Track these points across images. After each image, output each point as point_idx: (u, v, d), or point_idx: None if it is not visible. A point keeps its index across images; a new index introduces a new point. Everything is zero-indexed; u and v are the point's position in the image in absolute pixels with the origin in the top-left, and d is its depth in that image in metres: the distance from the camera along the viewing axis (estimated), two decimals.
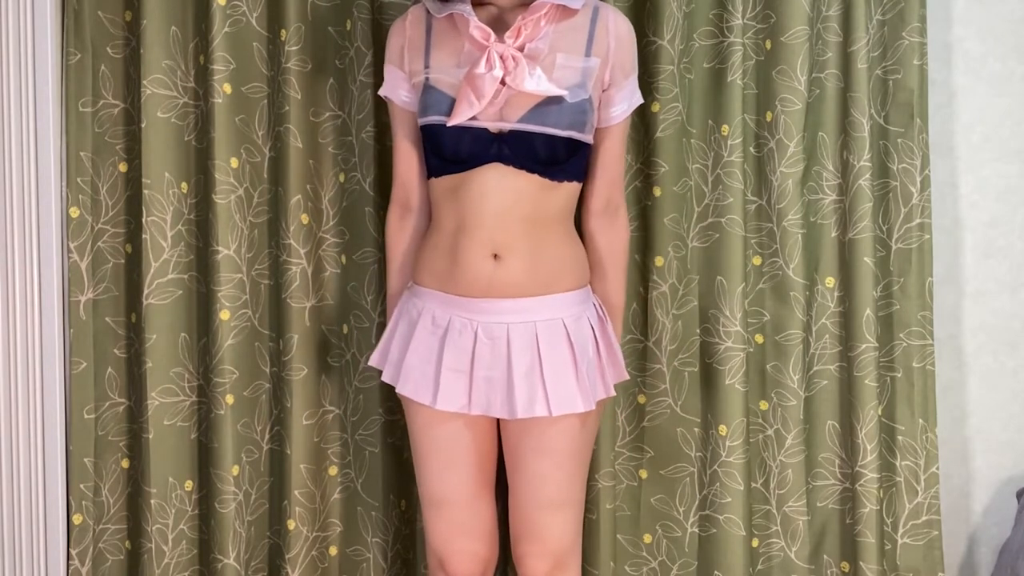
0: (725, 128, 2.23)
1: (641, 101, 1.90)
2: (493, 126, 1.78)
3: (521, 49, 1.78)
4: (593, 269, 1.93)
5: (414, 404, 1.88)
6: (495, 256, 1.80)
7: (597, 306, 1.91)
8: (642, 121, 2.26)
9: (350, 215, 2.25)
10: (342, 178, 2.25)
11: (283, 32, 2.20)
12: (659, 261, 2.25)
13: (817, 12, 2.24)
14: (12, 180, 2.21)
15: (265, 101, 2.25)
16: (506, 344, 1.80)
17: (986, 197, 2.40)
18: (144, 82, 2.18)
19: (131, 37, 2.25)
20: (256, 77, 2.24)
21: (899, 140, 2.26)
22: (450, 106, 1.78)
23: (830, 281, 2.28)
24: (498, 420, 1.91)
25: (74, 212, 2.23)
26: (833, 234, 2.27)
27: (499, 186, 1.78)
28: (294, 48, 2.20)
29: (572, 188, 1.85)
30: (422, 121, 1.83)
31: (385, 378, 1.92)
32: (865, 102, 2.21)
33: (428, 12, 1.87)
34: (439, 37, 1.85)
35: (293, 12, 2.19)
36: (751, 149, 2.28)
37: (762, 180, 2.28)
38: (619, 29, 1.86)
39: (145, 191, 2.20)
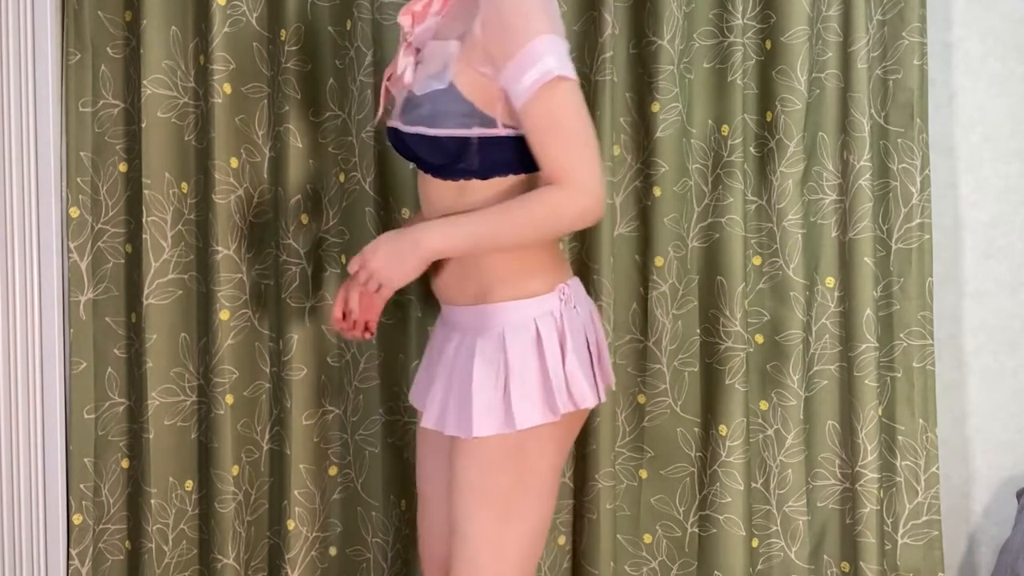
0: (725, 128, 2.23)
1: (552, 74, 1.47)
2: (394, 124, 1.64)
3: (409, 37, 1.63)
4: None
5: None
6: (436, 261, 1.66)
7: (558, 319, 1.59)
8: (642, 121, 2.26)
9: (350, 215, 2.25)
10: (342, 178, 2.25)
11: (283, 32, 2.20)
12: (659, 261, 2.25)
13: (817, 12, 2.24)
14: (12, 180, 2.21)
15: (265, 101, 2.25)
16: (437, 352, 1.72)
17: (986, 197, 2.40)
18: (144, 82, 2.18)
19: (131, 37, 2.25)
20: (256, 77, 2.24)
21: (899, 140, 2.26)
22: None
23: (830, 281, 2.28)
24: None
25: (74, 212, 2.23)
26: (833, 234, 2.27)
27: (421, 189, 1.66)
28: (294, 48, 2.20)
29: (491, 186, 1.59)
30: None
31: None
32: (865, 102, 2.21)
33: None
34: None
35: (293, 12, 2.20)
36: (751, 149, 2.28)
37: (762, 180, 2.29)
38: (488, 4, 1.51)
39: (145, 191, 2.20)
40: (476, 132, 1.54)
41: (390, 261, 1.55)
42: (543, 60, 1.47)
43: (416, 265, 1.55)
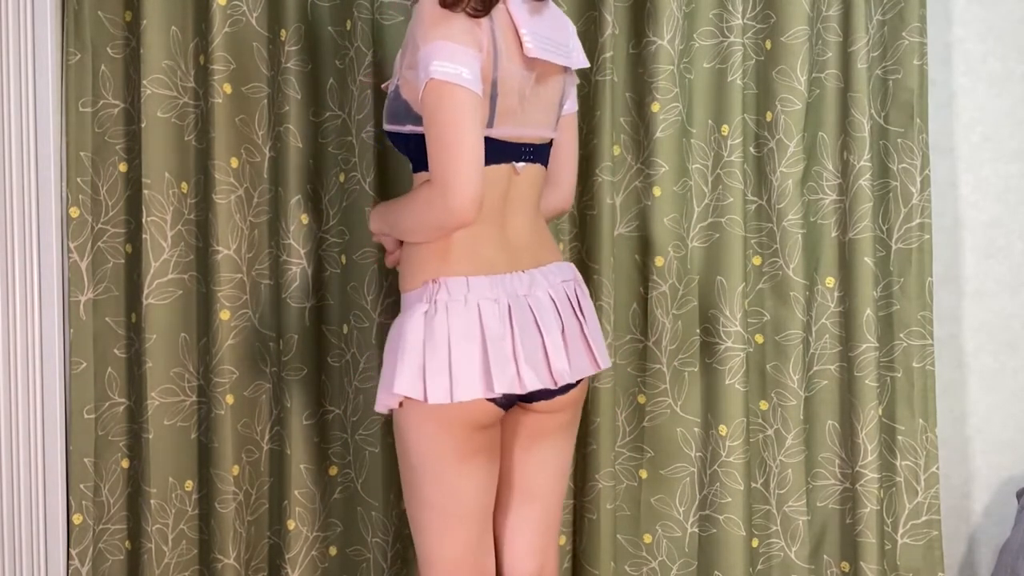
0: (725, 128, 2.23)
1: (431, 76, 1.54)
2: None
3: None
4: None
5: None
6: None
7: (432, 305, 1.64)
8: (642, 121, 2.26)
9: (350, 215, 2.25)
10: (342, 178, 2.25)
11: (283, 32, 2.20)
12: (659, 261, 2.25)
13: (817, 12, 2.24)
14: (12, 180, 2.21)
15: (265, 101, 2.25)
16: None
17: (986, 197, 2.40)
18: (144, 82, 2.18)
19: (131, 37, 2.25)
20: (256, 77, 2.24)
21: (899, 140, 2.26)
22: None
23: (830, 281, 2.28)
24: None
25: (74, 212, 2.23)
26: (833, 234, 2.28)
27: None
28: (294, 48, 2.20)
29: (420, 178, 1.72)
30: None
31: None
32: (865, 102, 2.21)
33: None
34: None
35: (293, 12, 2.20)
36: (751, 149, 2.28)
37: (762, 180, 2.29)
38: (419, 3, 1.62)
39: (145, 191, 2.20)
40: (409, 128, 1.67)
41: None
42: (424, 66, 1.56)
43: (374, 236, 1.80)
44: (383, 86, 1.74)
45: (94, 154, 2.25)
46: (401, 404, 1.67)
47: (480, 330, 1.63)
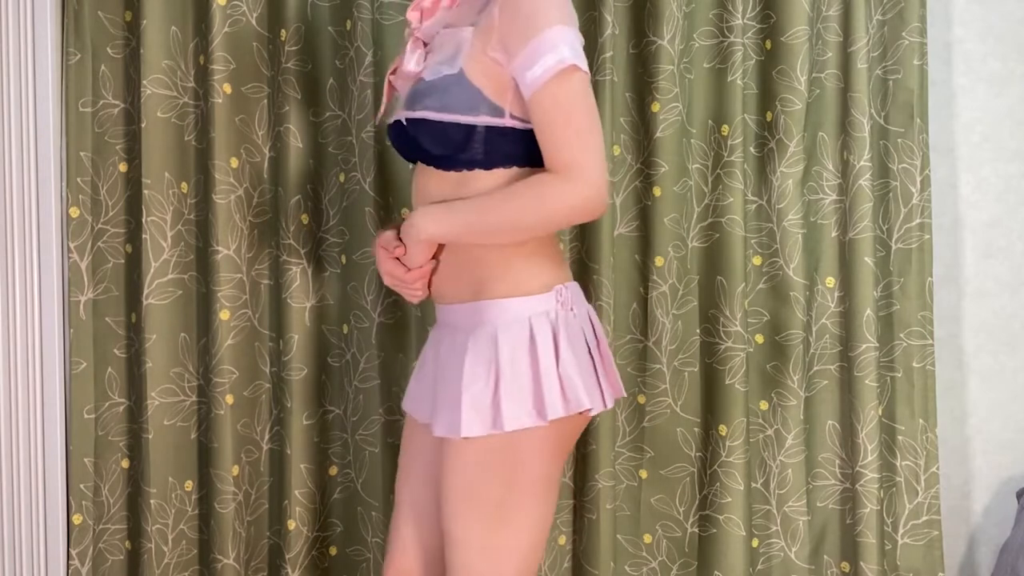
0: (725, 128, 2.23)
1: (566, 63, 1.45)
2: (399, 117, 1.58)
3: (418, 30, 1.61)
4: None
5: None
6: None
7: (553, 320, 1.53)
8: (642, 121, 2.26)
9: (350, 215, 2.25)
10: (342, 178, 2.25)
11: (283, 32, 2.20)
12: (659, 261, 2.25)
13: (817, 12, 2.24)
14: (12, 180, 2.21)
15: (265, 101, 2.25)
16: (432, 355, 1.65)
17: (986, 197, 2.40)
18: (144, 82, 2.18)
19: (131, 37, 2.25)
20: (256, 77, 2.24)
21: (899, 140, 2.26)
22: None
23: (830, 281, 2.28)
24: None
25: (74, 212, 2.23)
26: (833, 234, 2.28)
27: (417, 184, 1.61)
28: (294, 48, 2.20)
29: (493, 177, 1.54)
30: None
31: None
32: (865, 102, 2.21)
33: None
34: None
35: (293, 12, 2.20)
36: (751, 149, 2.28)
37: (762, 180, 2.29)
38: None
39: (145, 191, 2.20)
40: (483, 120, 1.51)
41: (408, 247, 1.57)
42: (557, 49, 1.45)
43: (421, 249, 1.54)
44: (417, 72, 1.58)
45: (94, 154, 2.25)
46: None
47: (596, 338, 1.59)
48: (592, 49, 2.21)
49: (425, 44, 1.61)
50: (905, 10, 2.23)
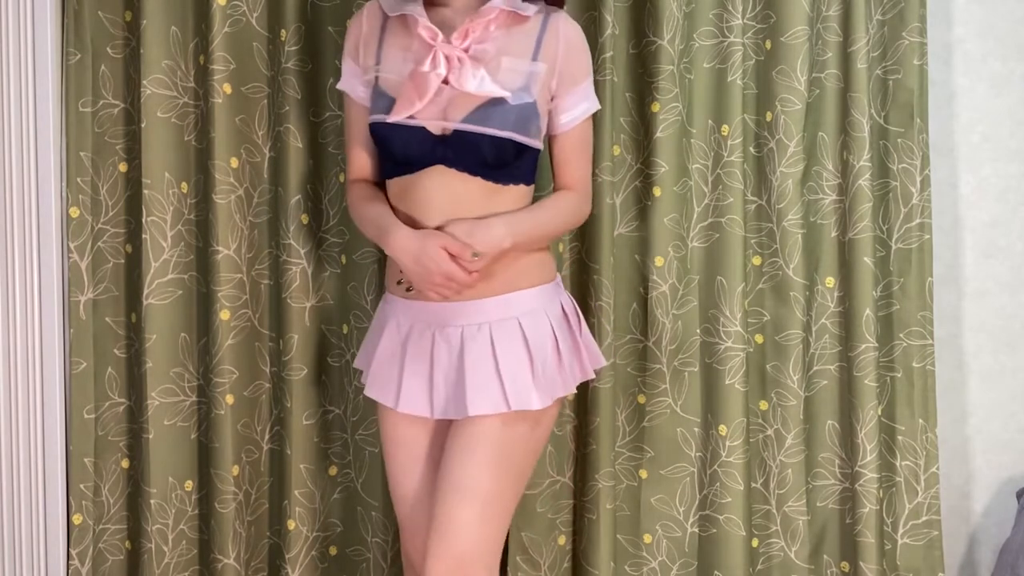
0: (725, 128, 2.23)
1: (596, 108, 1.85)
2: (436, 126, 1.75)
3: (467, 51, 1.76)
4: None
5: (380, 405, 1.89)
6: None
7: (565, 303, 1.87)
8: (642, 121, 2.26)
9: (350, 215, 2.25)
10: (342, 178, 2.25)
11: (283, 32, 2.20)
12: (659, 261, 2.25)
13: (817, 12, 2.24)
14: (12, 180, 2.21)
15: (265, 101, 2.25)
16: (460, 346, 1.78)
17: (986, 197, 2.40)
18: (144, 82, 2.18)
19: (131, 37, 2.25)
20: (256, 77, 2.24)
21: (899, 140, 2.26)
22: (393, 105, 1.77)
23: (830, 281, 2.28)
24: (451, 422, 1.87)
25: (74, 212, 2.23)
26: (833, 234, 2.28)
27: (443, 189, 1.75)
28: (294, 48, 2.20)
29: (520, 191, 1.81)
30: (370, 119, 1.81)
31: (363, 380, 1.92)
32: (865, 102, 2.21)
33: (383, 10, 1.85)
34: (391, 36, 1.83)
35: (293, 12, 2.20)
36: (751, 149, 2.28)
37: (762, 180, 2.29)
38: (568, 35, 1.81)
39: (145, 191, 2.20)
40: (536, 143, 1.79)
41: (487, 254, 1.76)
42: (591, 97, 1.86)
43: (495, 256, 1.75)
44: (497, 95, 1.74)
45: (94, 154, 2.25)
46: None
47: (577, 314, 1.92)
48: (592, 49, 2.21)
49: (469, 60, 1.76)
50: (905, 10, 2.23)
